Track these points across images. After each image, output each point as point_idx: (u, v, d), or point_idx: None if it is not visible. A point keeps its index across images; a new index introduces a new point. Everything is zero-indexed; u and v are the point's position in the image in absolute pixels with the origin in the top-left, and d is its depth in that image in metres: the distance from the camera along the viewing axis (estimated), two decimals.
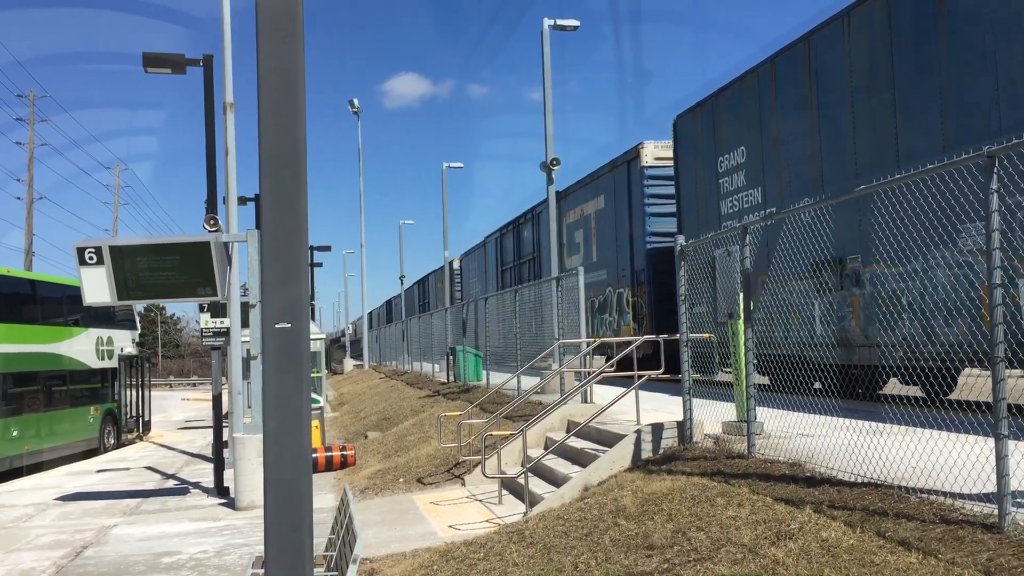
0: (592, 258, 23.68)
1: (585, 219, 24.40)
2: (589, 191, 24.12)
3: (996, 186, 5.03)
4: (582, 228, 24.70)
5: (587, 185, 24.32)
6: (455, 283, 45.39)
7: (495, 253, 35.50)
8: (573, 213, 25.37)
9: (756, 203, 15.12)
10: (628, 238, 21.07)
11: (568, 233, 25.62)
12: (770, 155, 14.69)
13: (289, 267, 3.60)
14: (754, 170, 15.16)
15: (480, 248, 38.73)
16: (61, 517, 12.50)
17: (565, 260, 24.56)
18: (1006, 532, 4.74)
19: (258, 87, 3.55)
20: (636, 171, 20.66)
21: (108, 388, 23.89)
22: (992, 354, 4.96)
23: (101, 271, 11.46)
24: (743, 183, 15.62)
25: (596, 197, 23.56)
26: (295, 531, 3.57)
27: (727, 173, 16.20)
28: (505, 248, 33.83)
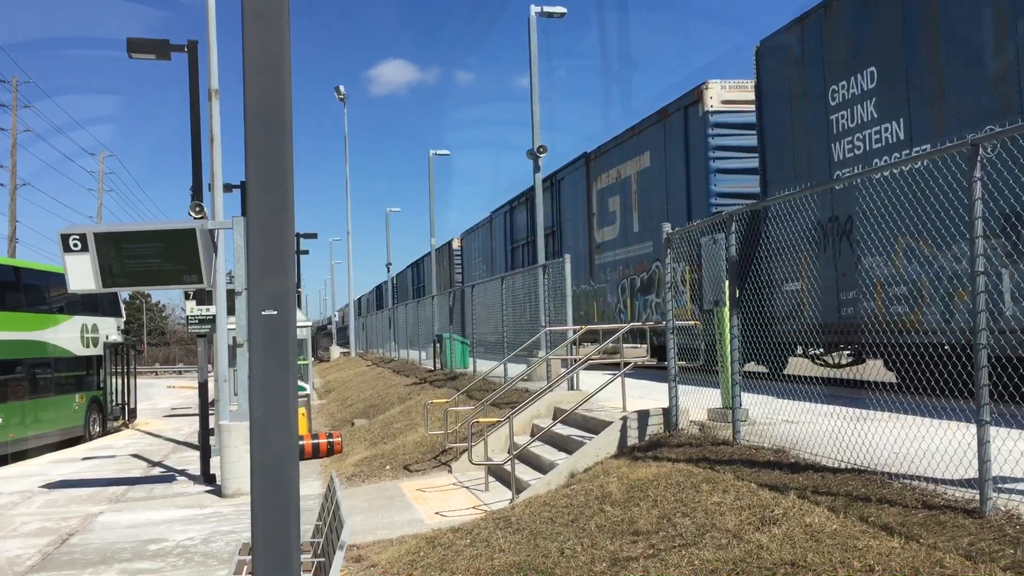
0: (632, 227, 20.22)
1: (623, 183, 20.79)
2: (628, 149, 20.44)
3: (979, 174, 5.06)
4: (619, 194, 21.01)
5: (625, 143, 20.70)
6: (454, 264, 42.57)
7: (504, 229, 32.16)
8: (605, 177, 21.76)
9: (894, 141, 11.51)
10: (684, 201, 17.53)
11: (600, 201, 22.15)
12: (922, 74, 11.03)
13: (275, 254, 3.59)
14: (893, 97, 11.52)
15: (485, 225, 35.43)
16: (46, 505, 12.46)
17: (595, 233, 22.21)
18: (987, 517, 4.80)
19: (243, 73, 3.53)
20: (697, 119, 17.18)
21: (93, 376, 23.80)
22: (975, 340, 5.00)
23: (86, 258, 11.40)
24: (871, 116, 11.98)
25: (638, 155, 19.86)
26: (282, 518, 3.58)
27: (844, 105, 12.57)
28: (517, 223, 30.33)
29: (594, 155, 22.60)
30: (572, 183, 24.58)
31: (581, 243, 23.34)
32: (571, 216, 24.16)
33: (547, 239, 24.46)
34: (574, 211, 23.51)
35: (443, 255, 44.63)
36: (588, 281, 22.91)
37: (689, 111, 17.50)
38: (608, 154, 21.84)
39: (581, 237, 23.13)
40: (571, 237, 24.43)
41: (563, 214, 24.95)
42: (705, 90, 16.93)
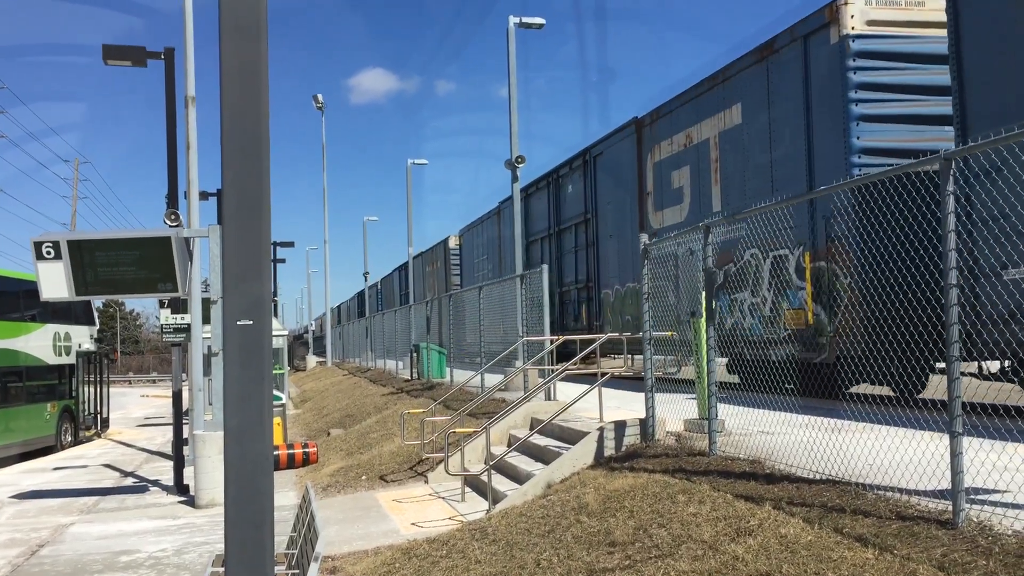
0: (709, 206, 15.43)
1: (695, 150, 16.08)
2: (705, 104, 15.77)
3: (952, 188, 5.11)
4: (688, 164, 16.33)
5: (700, 97, 16.00)
6: (451, 265, 37.50)
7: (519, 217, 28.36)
8: (667, 146, 17.16)
9: None
10: (804, 165, 12.78)
11: (658, 176, 17.50)
12: None
13: (251, 263, 3.57)
14: None
15: (492, 217, 30.09)
16: (16, 515, 12.29)
17: (650, 217, 17.67)
18: (960, 528, 4.83)
19: (220, 80, 3.52)
20: (826, 50, 12.61)
21: (65, 384, 23.51)
22: (948, 352, 5.05)
23: (59, 266, 11.28)
24: None
25: (722, 111, 15.23)
26: (256, 529, 3.55)
27: None
28: (535, 213, 25.90)
29: (649, 119, 17.97)
30: (614, 158, 19.73)
31: (627, 230, 18.58)
32: (612, 198, 19.64)
33: (579, 228, 21.81)
34: (617, 191, 19.27)
35: (436, 256, 40.24)
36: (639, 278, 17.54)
37: (812, 41, 13.03)
38: (672, 115, 17.06)
39: (627, 223, 18.54)
40: (612, 224, 19.80)
41: (600, 197, 20.48)
42: (843, 6, 12.32)
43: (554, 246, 23.84)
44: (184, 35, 14.09)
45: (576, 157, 22.31)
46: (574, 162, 22.43)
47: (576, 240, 22.18)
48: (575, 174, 22.34)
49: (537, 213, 25.62)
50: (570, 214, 22.73)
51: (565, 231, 23.16)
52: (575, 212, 22.28)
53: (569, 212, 22.83)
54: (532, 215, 25.93)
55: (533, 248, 25.86)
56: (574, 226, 22.29)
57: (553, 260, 23.32)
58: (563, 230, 23.28)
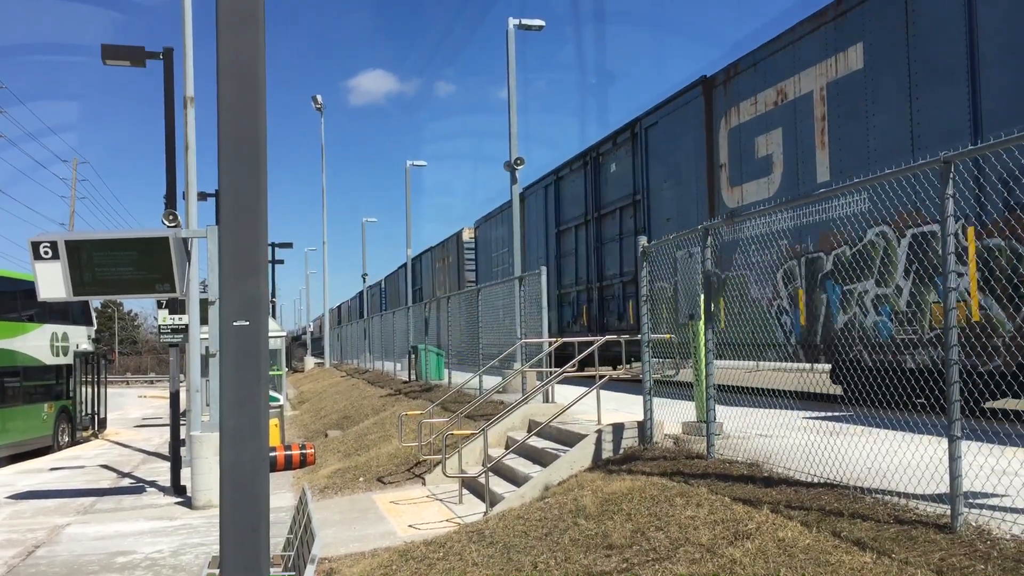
0: (812, 174, 12.58)
1: (789, 108, 13.13)
2: (808, 50, 12.82)
3: (952, 191, 5.11)
4: (781, 126, 13.33)
5: (800, 41, 13.04)
6: (465, 260, 34.83)
7: (545, 209, 24.57)
8: (749, 107, 14.22)
9: None
10: (968, 110, 9.92)
11: (735, 144, 14.60)
12: None
13: (248, 264, 3.56)
14: None
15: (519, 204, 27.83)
16: (13, 516, 12.26)
17: (724, 193, 14.76)
18: (958, 532, 4.82)
19: (218, 80, 3.50)
20: None
21: (63, 385, 23.47)
22: (946, 356, 5.04)
23: (56, 266, 11.26)
24: None
25: (832, 55, 12.28)
26: (252, 531, 3.53)
27: None
28: (568, 197, 22.77)
29: (723, 77, 15.05)
30: (673, 128, 16.92)
31: (690, 211, 15.69)
32: (669, 175, 16.72)
33: (623, 213, 19.16)
34: (677, 167, 16.34)
35: (448, 250, 37.36)
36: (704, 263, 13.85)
37: None
38: (756, 69, 14.17)
39: (691, 202, 15.73)
40: (669, 205, 16.87)
41: (653, 174, 17.60)
42: None
43: (592, 234, 20.73)
44: (183, 35, 14.07)
45: (621, 131, 19.29)
46: (618, 137, 19.37)
47: (621, 226, 19.25)
48: (620, 151, 19.30)
49: (571, 198, 22.35)
50: (613, 197, 19.69)
51: (607, 216, 20.12)
52: (620, 194, 19.28)
53: (612, 194, 19.80)
54: (565, 200, 22.88)
55: (566, 238, 22.76)
56: (618, 210, 19.36)
57: (591, 250, 20.56)
58: (604, 215, 20.25)
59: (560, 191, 23.32)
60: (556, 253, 23.35)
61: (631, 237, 18.13)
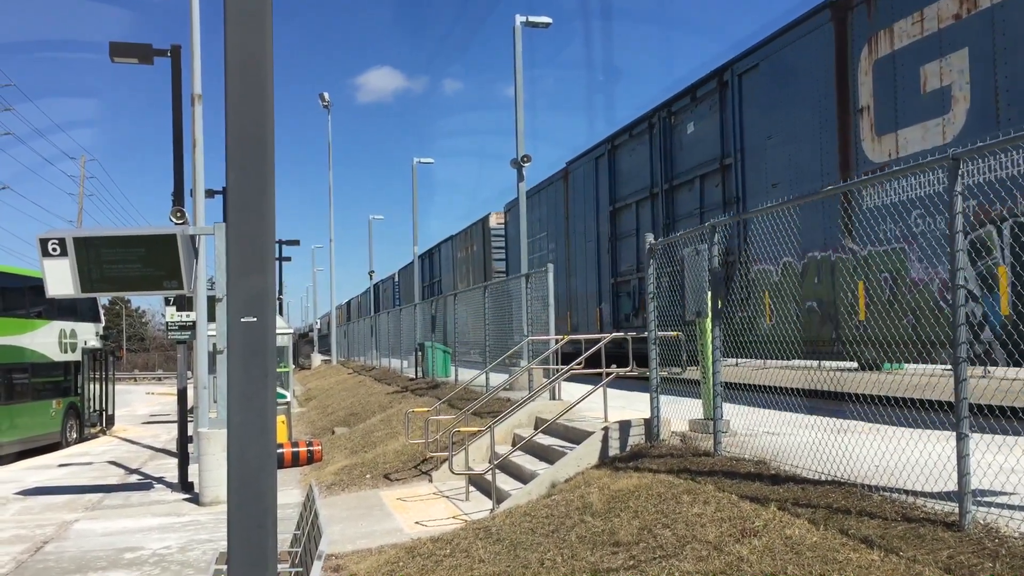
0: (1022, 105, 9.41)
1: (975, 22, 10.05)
2: None
3: (960, 188, 5.09)
4: (963, 47, 10.25)
5: None
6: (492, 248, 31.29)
7: (595, 184, 20.91)
8: (904, 29, 11.11)
9: None
10: None
11: (883, 80, 11.42)
12: None
13: (256, 260, 3.56)
14: None
15: (556, 182, 23.83)
16: (21, 512, 12.31)
17: (867, 144, 11.49)
18: (966, 530, 4.80)
19: (225, 78, 3.50)
20: None
21: (71, 381, 23.56)
22: (955, 354, 5.02)
23: (65, 263, 11.29)
24: None
25: None
26: (259, 527, 3.54)
27: None
28: (624, 169, 19.35)
29: None
30: (783, 69, 13.85)
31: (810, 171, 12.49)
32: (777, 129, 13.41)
33: (702, 183, 15.85)
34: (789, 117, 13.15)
35: (472, 237, 34.01)
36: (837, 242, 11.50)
37: None
38: None
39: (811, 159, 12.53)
40: (775, 166, 13.55)
41: (749, 131, 14.31)
42: None
43: (661, 210, 17.34)
44: (191, 32, 14.10)
45: (703, 81, 15.93)
46: (699, 90, 16.03)
47: (703, 198, 15.88)
48: (701, 107, 15.98)
49: (630, 169, 19.04)
50: (691, 164, 16.33)
51: (681, 188, 16.76)
52: (701, 159, 15.92)
53: (689, 161, 16.42)
54: (621, 172, 19.53)
55: (623, 217, 19.38)
56: (698, 179, 16.02)
57: (659, 228, 17.06)
58: (678, 187, 16.88)
59: (615, 163, 19.78)
60: (610, 235, 19.83)
61: (717, 210, 14.88)
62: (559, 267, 20.89)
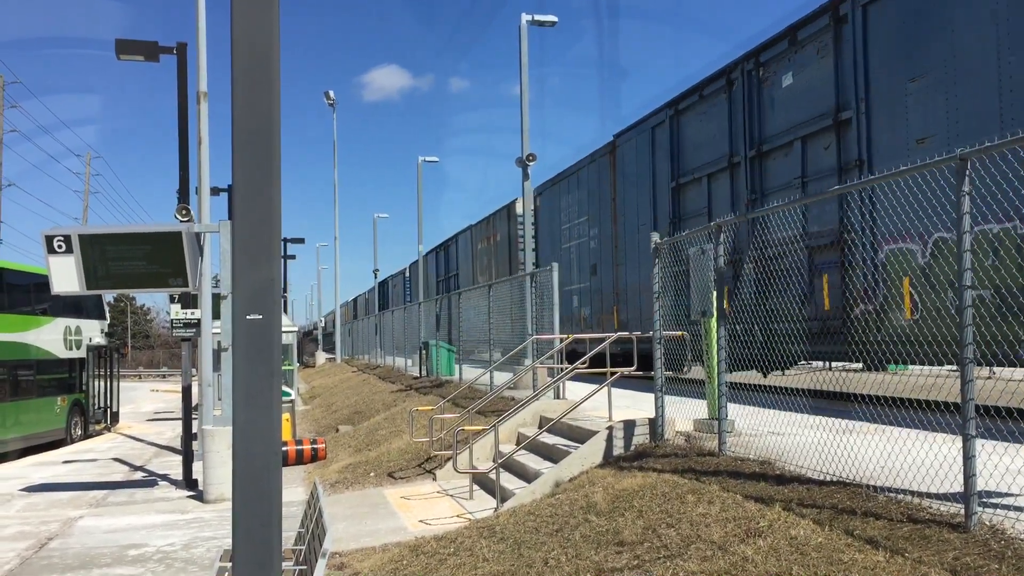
0: None
1: None
2: None
3: (968, 188, 5.07)
4: None
5: None
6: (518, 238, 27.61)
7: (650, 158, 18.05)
8: None
9: None
10: None
11: None
12: None
13: (261, 258, 3.56)
14: None
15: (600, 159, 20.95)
16: (26, 508, 12.33)
17: None
18: (972, 532, 4.79)
19: (232, 75, 3.50)
20: None
21: (76, 378, 23.61)
22: (961, 355, 5.00)
23: (70, 260, 11.31)
24: None
25: None
26: (264, 525, 3.54)
27: None
28: (690, 139, 16.51)
29: None
30: None
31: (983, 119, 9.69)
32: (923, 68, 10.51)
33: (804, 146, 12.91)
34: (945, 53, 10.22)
35: (495, 227, 31.35)
36: None
37: None
38: None
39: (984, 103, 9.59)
40: (922, 116, 10.74)
41: (878, 74, 11.39)
42: None
43: (744, 183, 14.41)
44: (197, 30, 14.11)
45: (805, 21, 13.05)
46: (800, 31, 13.15)
47: (805, 164, 12.90)
48: (803, 52, 13.08)
49: (698, 137, 16.23)
50: (788, 122, 13.39)
51: (773, 154, 13.81)
52: (805, 115, 12.96)
53: (785, 120, 13.49)
54: (687, 142, 16.66)
55: (690, 194, 16.49)
56: (799, 142, 13.02)
57: (740, 204, 14.44)
58: (768, 153, 13.92)
59: (679, 131, 16.92)
60: (672, 215, 16.92)
61: (829, 178, 12.16)
62: (604, 256, 19.76)
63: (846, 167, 11.94)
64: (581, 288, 21.79)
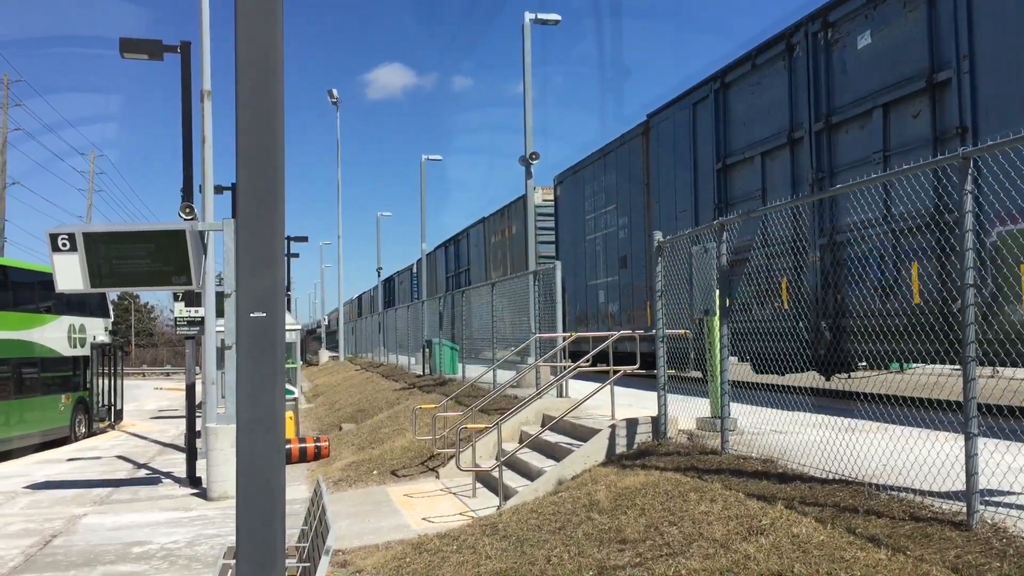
0: None
1: None
2: None
3: (971, 187, 5.07)
4: None
5: None
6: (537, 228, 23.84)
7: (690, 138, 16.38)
8: None
9: None
10: None
11: None
12: None
13: (265, 256, 3.57)
14: None
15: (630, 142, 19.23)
16: (30, 506, 12.37)
17: None
18: (974, 530, 4.79)
19: (235, 74, 3.52)
20: None
21: (80, 376, 23.66)
22: (963, 353, 5.01)
23: (74, 258, 11.34)
24: None
25: None
26: (267, 522, 3.55)
27: None
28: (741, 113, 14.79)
29: None
30: None
31: None
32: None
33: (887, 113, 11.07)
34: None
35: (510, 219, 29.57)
36: None
37: None
38: None
39: None
40: None
41: (984, 25, 9.87)
42: None
43: (810, 159, 12.62)
44: (200, 28, 14.13)
45: None
46: None
47: (888, 136, 11.11)
48: (885, 7, 11.27)
49: (751, 111, 14.51)
50: (866, 88, 11.59)
51: (846, 125, 12.02)
52: (888, 79, 11.15)
53: (861, 86, 11.70)
54: (736, 117, 14.97)
55: (739, 175, 14.83)
56: (881, 109, 11.19)
57: (803, 184, 12.75)
58: (840, 125, 12.15)
59: (726, 105, 15.25)
60: (717, 200, 15.27)
61: (920, 150, 10.40)
62: (636, 247, 18.28)
63: (944, 136, 10.24)
64: (608, 282, 20.10)
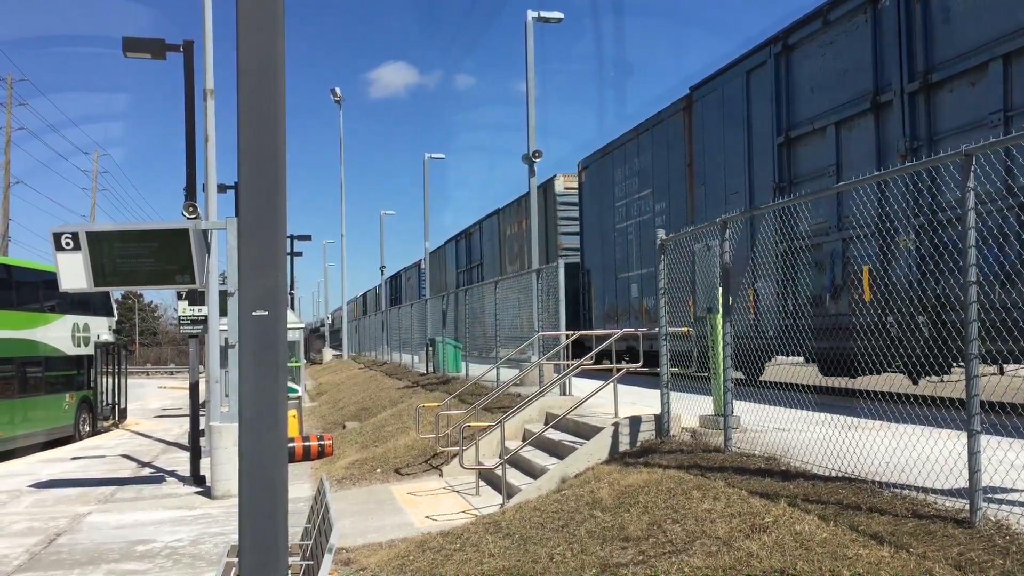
0: None
1: None
2: None
3: (973, 184, 5.07)
4: None
5: None
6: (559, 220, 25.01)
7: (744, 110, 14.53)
8: None
9: None
10: None
11: None
12: None
13: (267, 255, 3.57)
14: None
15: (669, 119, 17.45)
16: (34, 504, 12.39)
17: None
18: (977, 527, 4.79)
19: (237, 73, 3.52)
20: None
21: (84, 375, 23.70)
22: (966, 350, 5.01)
23: (78, 257, 11.35)
24: None
25: None
26: (270, 520, 3.56)
27: None
28: (807, 79, 12.81)
29: None
30: None
31: None
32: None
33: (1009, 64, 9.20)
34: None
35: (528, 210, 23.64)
36: None
37: None
38: None
39: None
40: None
41: None
42: None
43: (904, 125, 10.73)
44: (203, 27, 14.13)
45: None
46: None
47: (1009, 93, 9.25)
48: None
49: (816, 77, 12.62)
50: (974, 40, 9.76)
51: (950, 84, 10.13)
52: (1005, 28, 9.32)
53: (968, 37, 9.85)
54: (801, 84, 12.99)
55: (805, 150, 12.88)
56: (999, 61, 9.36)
57: (892, 157, 10.85)
58: (941, 84, 10.26)
59: (789, 71, 13.23)
60: (777, 179, 13.40)
61: None
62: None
63: None
64: (643, 275, 18.01)
